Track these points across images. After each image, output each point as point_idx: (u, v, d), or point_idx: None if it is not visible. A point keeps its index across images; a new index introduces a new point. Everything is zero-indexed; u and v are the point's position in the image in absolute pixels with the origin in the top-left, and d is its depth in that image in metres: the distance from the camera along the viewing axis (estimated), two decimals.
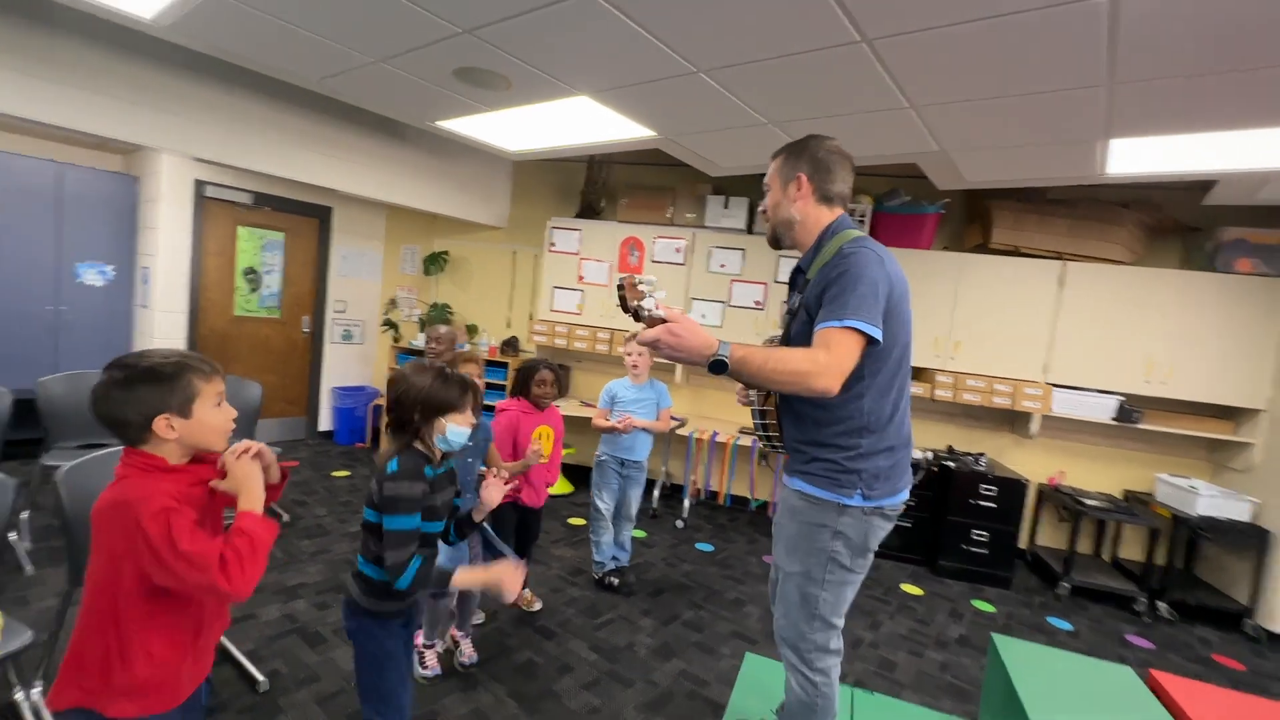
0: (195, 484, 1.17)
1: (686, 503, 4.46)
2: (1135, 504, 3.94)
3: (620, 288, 1.44)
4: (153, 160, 4.46)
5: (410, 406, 1.47)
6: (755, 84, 2.38)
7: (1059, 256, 3.99)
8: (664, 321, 1.38)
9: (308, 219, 5.29)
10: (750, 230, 4.59)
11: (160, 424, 1.11)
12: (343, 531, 3.67)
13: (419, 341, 5.22)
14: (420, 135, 4.64)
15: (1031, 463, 4.28)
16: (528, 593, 2.95)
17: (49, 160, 4.33)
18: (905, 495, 1.60)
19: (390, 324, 5.39)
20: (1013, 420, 4.30)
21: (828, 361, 1.35)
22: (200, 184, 4.59)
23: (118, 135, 3.28)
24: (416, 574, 1.43)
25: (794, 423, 1.63)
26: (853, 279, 1.41)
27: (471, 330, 5.47)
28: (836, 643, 1.64)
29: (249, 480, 1.17)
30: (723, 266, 4.57)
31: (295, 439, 5.41)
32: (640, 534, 4.13)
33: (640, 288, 1.44)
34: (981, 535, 3.88)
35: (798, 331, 1.56)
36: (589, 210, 4.98)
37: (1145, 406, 3.86)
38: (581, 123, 3.15)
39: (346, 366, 5.61)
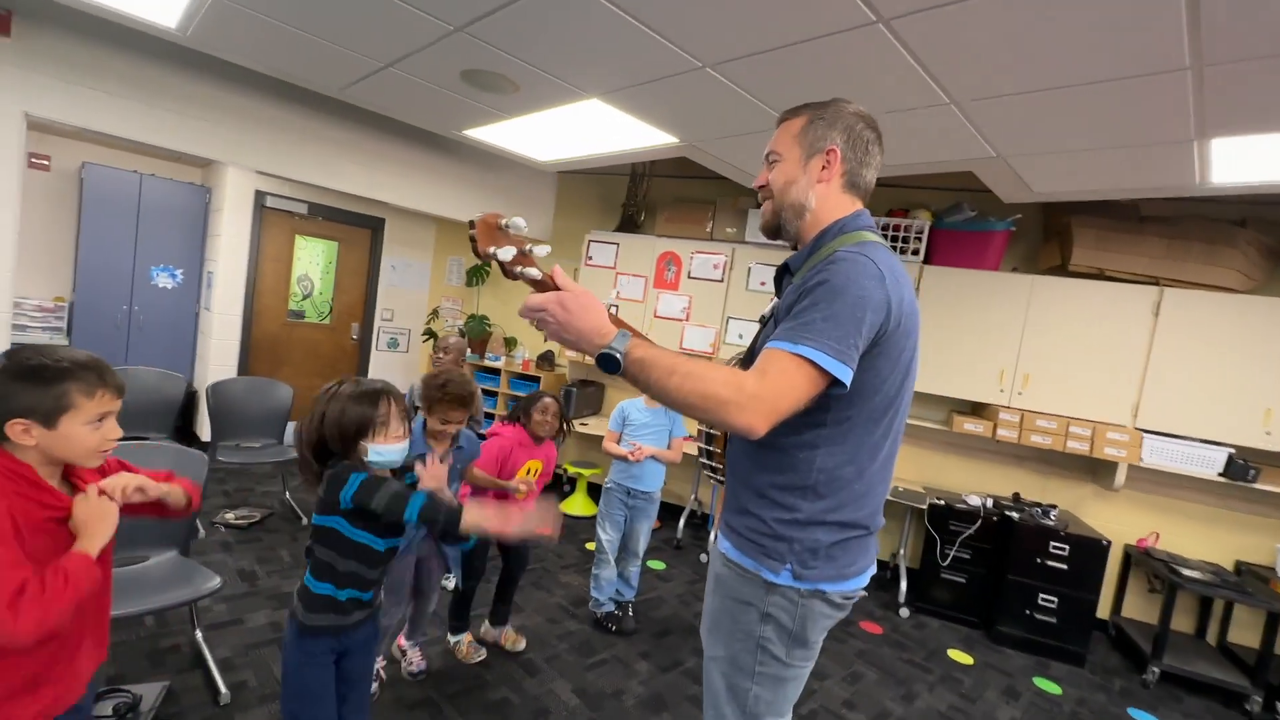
0: (51, 507, 1.07)
1: (712, 535, 4.15)
2: (1250, 579, 3.27)
3: (471, 226, 1.06)
4: (220, 172, 4.74)
5: (327, 439, 1.37)
6: (768, 79, 2.15)
7: (1154, 281, 3.44)
8: (554, 288, 1.07)
9: (360, 229, 5.47)
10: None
11: (14, 428, 1.03)
12: None
13: None
14: (467, 149, 4.68)
15: (1117, 519, 3.68)
16: (510, 631, 2.72)
17: (133, 172, 4.69)
18: (861, 582, 1.22)
19: (431, 333, 5.45)
20: (1094, 469, 3.73)
21: (755, 392, 1.00)
22: (260, 194, 4.84)
23: (187, 149, 3.46)
24: (424, 505, 1.31)
25: (737, 455, 1.28)
26: (830, 292, 1.05)
27: (510, 343, 5.45)
28: None
29: (93, 523, 1.08)
30: (763, 284, 4.28)
31: None
32: (658, 565, 3.87)
33: (507, 229, 1.08)
34: (1050, 600, 3.35)
35: (762, 348, 1.23)
36: (628, 224, 4.84)
37: (1263, 462, 3.21)
38: (601, 129, 3.02)
39: (391, 373, 5.72)
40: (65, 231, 4.62)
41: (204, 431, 4.31)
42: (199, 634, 2.40)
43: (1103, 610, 3.63)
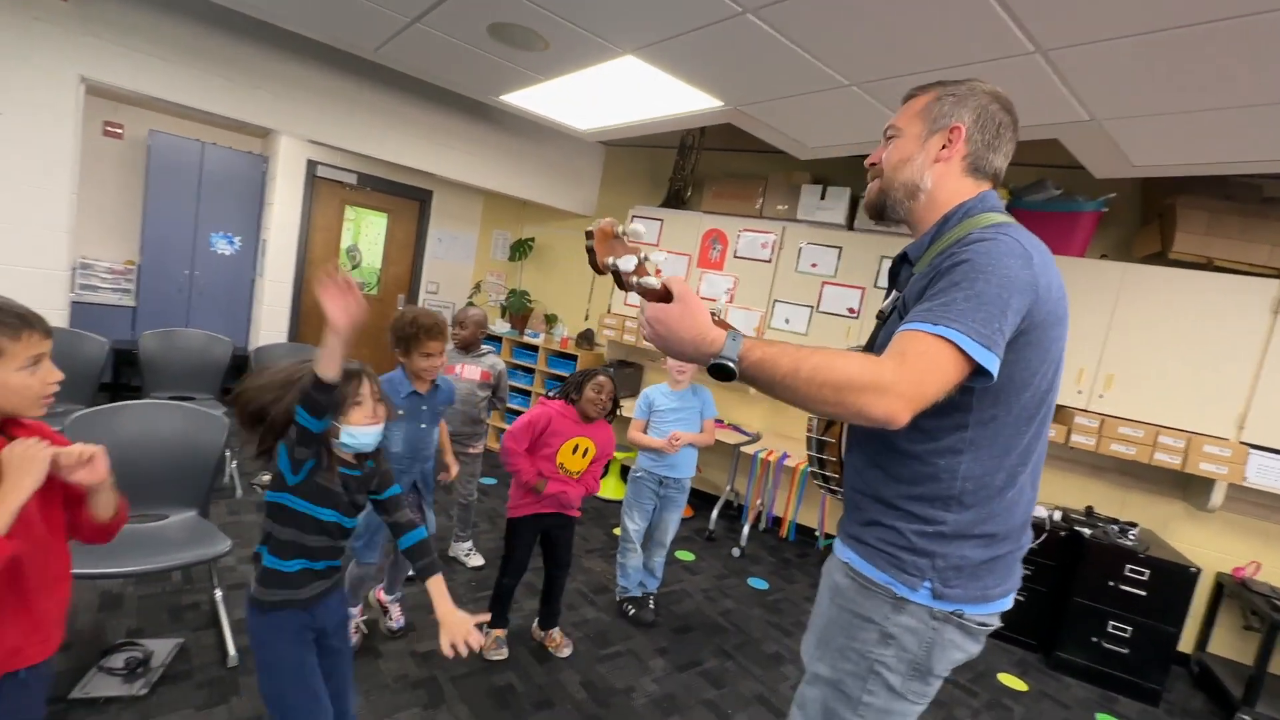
0: None
1: (745, 529, 3.96)
2: None
3: (589, 237, 0.99)
4: (275, 141, 4.83)
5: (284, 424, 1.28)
6: (815, 26, 1.90)
7: (1277, 274, 2.96)
8: (667, 297, 0.97)
9: (409, 201, 5.49)
10: (851, 226, 3.97)
11: None
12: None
13: (496, 327, 5.20)
14: (513, 121, 4.57)
15: (1210, 544, 3.25)
16: (557, 634, 2.55)
17: (196, 140, 4.84)
18: (1004, 605, 1.09)
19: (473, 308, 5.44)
20: (1186, 485, 3.29)
21: (896, 377, 0.88)
22: (312, 164, 4.90)
23: (237, 115, 3.49)
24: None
25: (859, 465, 1.15)
26: (972, 271, 0.93)
27: (550, 320, 5.36)
28: None
29: (11, 470, 0.98)
30: (814, 266, 3.99)
31: None
32: (687, 556, 3.71)
33: (624, 237, 1.00)
34: (1123, 629, 2.98)
35: (884, 343, 1.06)
36: (675, 199, 4.63)
37: None
38: (640, 92, 2.82)
39: None
40: (135, 197, 4.83)
41: None
42: (218, 593, 2.42)
43: (1185, 645, 3.22)
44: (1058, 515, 3.31)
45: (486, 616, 1.66)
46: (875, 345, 1.14)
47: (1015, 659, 3.15)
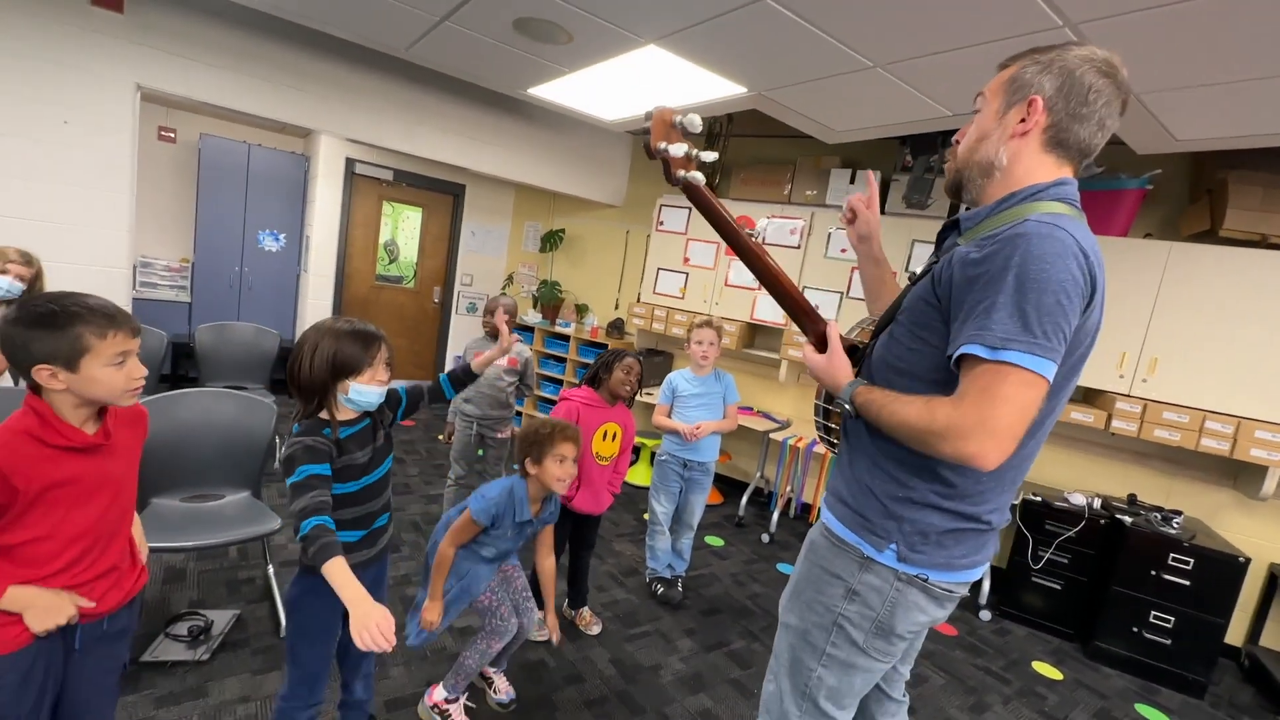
0: (55, 443, 1.11)
1: (775, 515, 3.97)
2: None
3: (647, 118, 1.10)
4: (315, 141, 5.01)
5: (312, 369, 1.34)
6: (833, 7, 1.89)
7: None
8: (727, 218, 1.17)
9: (443, 196, 5.62)
10: (882, 210, 3.89)
11: (41, 373, 1.07)
12: (424, 493, 3.82)
13: (529, 317, 5.31)
14: (542, 114, 4.64)
15: (1262, 534, 3.12)
16: (587, 612, 2.64)
17: (243, 142, 5.06)
18: (972, 575, 1.12)
19: None
20: (1235, 473, 3.16)
21: (958, 420, 0.91)
22: (350, 162, 5.07)
23: (279, 116, 3.64)
24: (306, 532, 1.25)
25: (856, 422, 1.17)
26: (1032, 277, 0.88)
27: (581, 310, 5.44)
28: None
29: (37, 609, 1.11)
30: (843, 252, 3.96)
31: None
32: (716, 541, 3.76)
33: (681, 126, 1.11)
34: (1165, 620, 2.90)
35: (909, 306, 1.10)
36: None
37: None
38: (664, 81, 2.84)
39: (469, 336, 5.90)
40: (188, 198, 5.09)
41: None
42: (270, 569, 2.59)
43: (1235, 637, 3.11)
44: (1097, 503, 3.22)
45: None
46: (899, 308, 1.13)
47: (1051, 648, 3.10)
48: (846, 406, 1.11)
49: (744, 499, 4.16)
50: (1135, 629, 2.95)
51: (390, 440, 1.57)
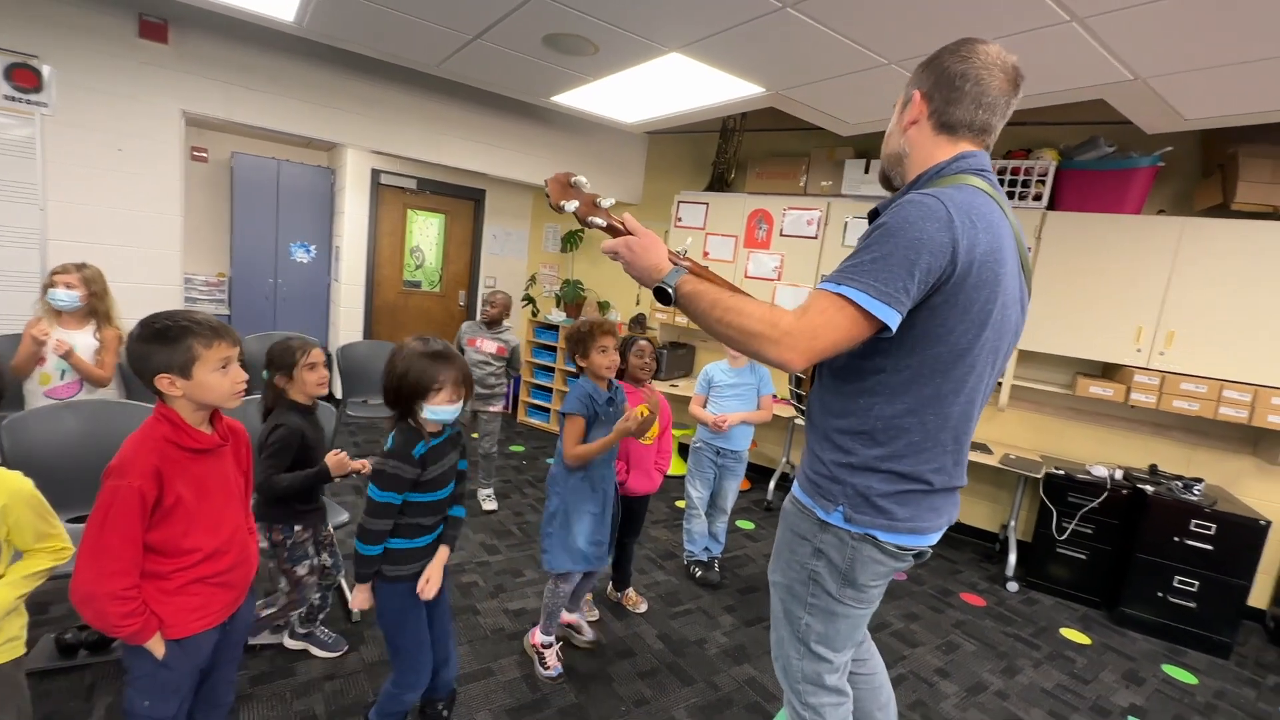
0: (189, 447, 1.28)
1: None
2: None
3: (546, 184, 1.26)
4: (341, 154, 5.19)
5: (392, 389, 1.52)
6: (851, 11, 2.01)
7: None
8: (626, 233, 1.23)
9: (464, 201, 5.78)
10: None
11: (161, 382, 1.23)
12: None
13: (554, 316, 5.46)
14: (559, 117, 4.77)
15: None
16: (632, 593, 2.80)
17: (272, 159, 5.25)
18: (922, 540, 1.21)
19: (529, 299, 5.71)
20: (1256, 440, 3.24)
21: (790, 328, 1.03)
22: (376, 173, 5.24)
23: (312, 133, 3.80)
24: (373, 554, 1.54)
25: (813, 398, 1.31)
26: (884, 234, 1.03)
27: (603, 307, 5.58)
28: (834, 679, 1.33)
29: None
30: None
31: None
32: (747, 525, 3.89)
33: (575, 185, 1.25)
34: (1189, 584, 3.00)
35: None
36: (718, 182, 4.74)
37: None
38: (684, 84, 2.97)
39: None
40: (222, 214, 5.29)
41: (336, 389, 4.85)
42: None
43: (1258, 599, 3.20)
44: (1119, 474, 3.32)
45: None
46: None
47: (1078, 615, 3.21)
48: (669, 290, 1.15)
49: (771, 484, 4.29)
50: (1160, 594, 3.05)
51: (464, 450, 1.74)
